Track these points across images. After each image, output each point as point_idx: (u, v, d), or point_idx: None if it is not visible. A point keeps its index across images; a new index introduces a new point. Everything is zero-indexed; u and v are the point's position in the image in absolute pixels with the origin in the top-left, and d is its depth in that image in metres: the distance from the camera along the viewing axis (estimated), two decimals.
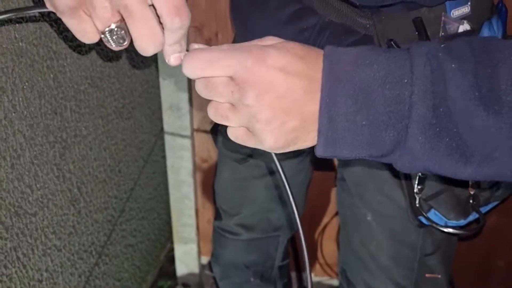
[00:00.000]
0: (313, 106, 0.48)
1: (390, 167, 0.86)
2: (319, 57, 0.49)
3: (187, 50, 0.52)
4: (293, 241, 1.30)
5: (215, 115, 0.50)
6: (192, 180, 1.55)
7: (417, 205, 0.82)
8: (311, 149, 1.06)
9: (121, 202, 1.34)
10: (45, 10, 0.50)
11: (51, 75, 0.97)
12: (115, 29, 0.48)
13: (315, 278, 1.67)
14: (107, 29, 0.48)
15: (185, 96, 1.43)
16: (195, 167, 1.55)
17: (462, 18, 0.75)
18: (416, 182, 0.81)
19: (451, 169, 0.48)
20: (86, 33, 0.49)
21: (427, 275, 0.92)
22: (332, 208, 1.54)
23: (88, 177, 1.16)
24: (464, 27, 0.75)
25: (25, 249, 0.96)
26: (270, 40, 0.51)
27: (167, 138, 1.50)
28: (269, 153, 1.00)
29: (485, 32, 0.73)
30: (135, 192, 1.43)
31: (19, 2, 0.86)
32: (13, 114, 0.88)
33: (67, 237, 1.09)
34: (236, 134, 0.52)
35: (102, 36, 0.49)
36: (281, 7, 0.83)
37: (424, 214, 0.82)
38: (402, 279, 0.92)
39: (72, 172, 1.09)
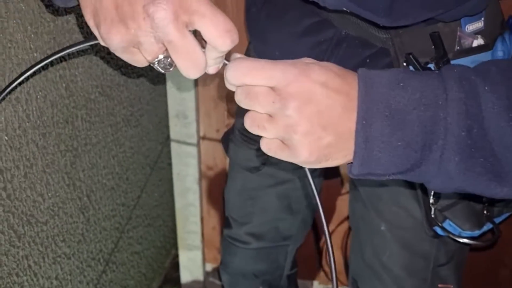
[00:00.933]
0: (349, 124, 0.48)
1: (402, 181, 0.86)
2: (355, 77, 0.50)
3: (226, 60, 0.53)
4: (299, 249, 1.31)
5: (252, 125, 0.50)
6: (198, 188, 1.55)
7: (433, 215, 0.82)
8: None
9: (128, 209, 1.35)
10: (96, 42, 0.55)
11: (64, 85, 0.98)
12: (162, 59, 0.51)
13: (320, 286, 1.67)
14: (155, 60, 0.50)
15: (191, 104, 1.44)
16: (201, 175, 1.56)
17: (476, 33, 0.76)
18: (432, 193, 0.81)
19: (486, 189, 0.48)
20: (137, 62, 0.52)
21: (439, 285, 0.93)
22: (337, 216, 1.55)
23: (97, 185, 1.16)
24: (478, 41, 0.76)
25: (36, 257, 0.96)
26: (309, 60, 0.52)
27: (174, 146, 1.50)
28: (285, 164, 1.00)
29: (499, 47, 0.74)
30: (142, 200, 1.43)
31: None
32: (27, 123, 0.89)
33: (76, 245, 1.10)
34: (269, 146, 0.51)
35: (151, 64, 0.52)
36: (298, 20, 0.84)
37: (439, 224, 0.82)
38: None
39: (82, 180, 1.09)
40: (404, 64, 0.76)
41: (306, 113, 0.47)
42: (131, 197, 1.36)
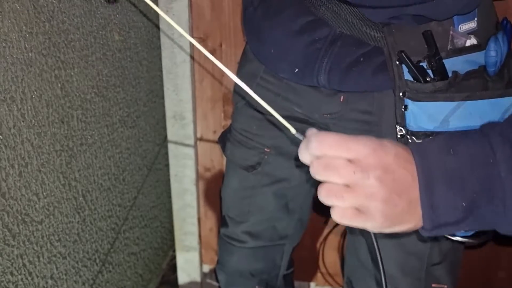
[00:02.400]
0: (417, 191, 0.52)
1: None
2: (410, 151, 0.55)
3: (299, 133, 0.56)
4: (296, 250, 1.31)
5: (328, 196, 0.52)
6: (195, 189, 1.56)
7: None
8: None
9: (124, 210, 1.35)
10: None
11: (59, 85, 0.99)
12: None
13: None
14: None
15: (189, 105, 1.44)
16: (198, 176, 1.56)
17: (469, 33, 0.76)
18: None
19: None
20: None
21: (433, 285, 0.93)
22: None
23: (93, 185, 1.17)
24: (471, 41, 0.77)
25: (31, 257, 0.96)
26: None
27: (171, 147, 1.51)
28: (282, 163, 1.00)
29: (492, 47, 0.75)
30: (139, 201, 1.44)
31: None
32: (22, 122, 0.89)
33: (72, 244, 1.10)
34: (343, 214, 0.53)
35: None
36: (294, 18, 0.85)
37: None
38: None
39: (78, 180, 1.10)
40: (397, 62, 0.77)
41: (385, 182, 0.51)
42: (127, 198, 1.36)
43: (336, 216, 0.53)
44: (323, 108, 0.92)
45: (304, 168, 1.07)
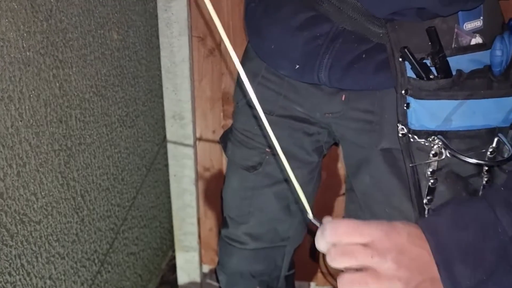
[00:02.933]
0: (436, 269, 0.53)
1: (398, 178, 0.86)
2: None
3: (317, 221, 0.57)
4: (295, 250, 1.30)
5: (352, 284, 0.53)
6: (195, 189, 1.55)
7: (426, 215, 0.81)
8: (320, 156, 1.05)
9: (123, 210, 1.35)
10: None
11: (57, 84, 0.98)
12: None
13: None
14: None
15: (188, 105, 1.44)
16: (198, 176, 1.56)
17: (475, 32, 0.76)
18: (426, 193, 0.81)
19: None
20: None
21: None
22: (334, 218, 1.55)
23: (92, 185, 1.16)
24: (476, 40, 0.76)
25: (29, 257, 0.96)
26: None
27: (170, 147, 1.50)
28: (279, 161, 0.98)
29: (497, 46, 0.74)
30: (138, 201, 1.43)
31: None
32: (20, 122, 0.89)
33: (70, 245, 1.10)
34: None
35: None
36: (294, 14, 0.84)
37: None
38: None
39: (76, 180, 1.09)
40: (400, 59, 0.76)
41: (403, 262, 0.52)
42: (126, 198, 1.36)
43: None
44: (325, 107, 0.91)
45: (305, 168, 1.06)
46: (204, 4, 0.50)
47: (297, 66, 0.87)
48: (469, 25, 0.76)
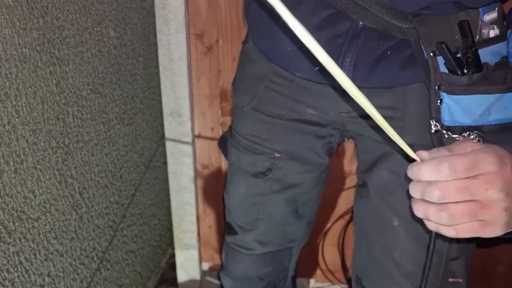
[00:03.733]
0: None
1: None
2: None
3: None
4: None
5: (462, 215, 0.55)
6: (193, 186, 1.55)
7: None
8: (330, 157, 1.03)
9: (122, 208, 1.35)
10: None
11: (54, 81, 0.98)
12: None
13: (317, 284, 1.67)
14: None
15: (186, 102, 1.44)
16: (196, 173, 1.56)
17: (491, 23, 0.75)
18: None
19: None
20: None
21: (450, 279, 0.91)
22: (334, 214, 1.55)
23: (90, 182, 1.16)
24: (495, 32, 0.75)
25: (28, 254, 0.96)
26: (467, 144, 0.59)
27: (168, 144, 1.50)
28: (294, 167, 0.96)
29: None
30: (136, 198, 1.43)
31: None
32: (17, 119, 0.89)
33: (69, 242, 1.10)
34: (470, 228, 0.56)
35: None
36: (313, 13, 0.81)
37: None
38: (428, 285, 0.90)
39: (74, 178, 1.09)
40: (431, 54, 0.75)
41: (510, 193, 0.55)
42: (125, 196, 1.36)
43: (462, 231, 0.56)
44: (340, 107, 0.89)
45: (316, 171, 1.04)
46: (200, 1, 0.49)
47: (317, 68, 0.84)
48: (487, 17, 0.74)
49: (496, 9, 0.75)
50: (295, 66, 0.88)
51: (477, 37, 0.75)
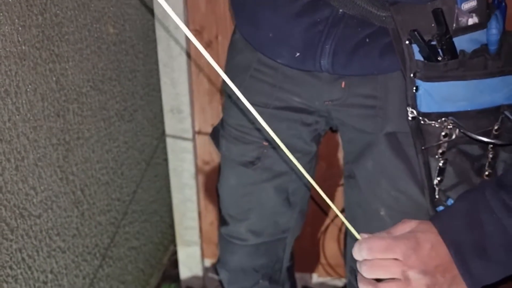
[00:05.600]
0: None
1: (404, 162, 0.87)
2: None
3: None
4: (296, 242, 1.30)
5: None
6: (195, 183, 1.55)
7: (437, 196, 0.82)
8: (318, 144, 1.04)
9: (124, 204, 1.35)
10: None
11: (54, 78, 0.99)
12: None
13: (319, 279, 1.67)
14: None
15: (186, 99, 1.44)
16: (197, 170, 1.56)
17: (470, 12, 0.75)
18: (436, 174, 0.81)
19: None
20: None
21: None
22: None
23: (91, 179, 1.17)
24: (473, 20, 0.76)
25: (30, 251, 0.96)
26: (408, 225, 0.69)
27: (169, 141, 1.50)
28: (283, 159, 0.98)
29: (493, 25, 0.74)
30: (138, 195, 1.44)
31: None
32: (17, 116, 0.89)
33: (71, 239, 1.10)
34: None
35: None
36: (292, 0, 0.82)
37: (444, 203, 0.82)
38: None
39: (75, 174, 1.09)
40: (407, 42, 0.76)
41: (428, 271, 0.64)
42: (126, 192, 1.36)
43: None
44: (324, 95, 0.90)
45: (304, 158, 1.05)
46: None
47: (298, 54, 0.85)
48: (466, 5, 0.75)
49: None
50: (276, 52, 0.89)
51: (454, 25, 0.75)
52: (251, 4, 0.89)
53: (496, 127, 0.79)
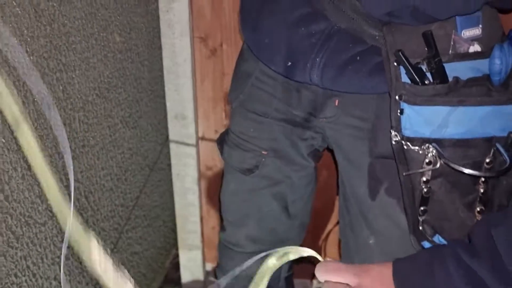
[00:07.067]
0: None
1: (391, 192, 0.86)
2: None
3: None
4: None
5: None
6: (197, 188, 1.56)
7: (420, 227, 0.79)
8: (316, 161, 1.05)
9: (127, 210, 1.36)
10: None
11: (61, 87, 0.99)
12: None
13: (319, 285, 1.68)
14: None
15: (190, 105, 1.45)
16: (200, 175, 1.57)
17: (473, 40, 0.75)
18: (419, 203, 0.79)
19: None
20: None
21: None
22: (335, 216, 1.56)
23: (96, 186, 1.18)
24: (475, 48, 0.75)
25: (35, 258, 0.97)
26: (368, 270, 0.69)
27: (173, 147, 1.51)
28: (281, 168, 0.99)
29: (496, 54, 0.73)
30: (141, 200, 1.45)
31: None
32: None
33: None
34: None
35: None
36: (291, 9, 0.83)
37: (429, 238, 0.79)
38: None
39: (80, 182, 1.10)
40: (395, 63, 0.76)
41: None
42: (130, 198, 1.37)
43: None
44: (319, 112, 0.91)
45: (302, 172, 1.06)
46: (205, 4, 0.51)
47: (289, 63, 0.85)
48: (467, 33, 0.75)
49: (480, 26, 0.75)
50: (270, 59, 0.90)
51: (451, 51, 0.75)
52: (255, 9, 0.90)
53: (488, 160, 0.76)
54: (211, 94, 1.46)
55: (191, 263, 1.69)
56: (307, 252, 0.69)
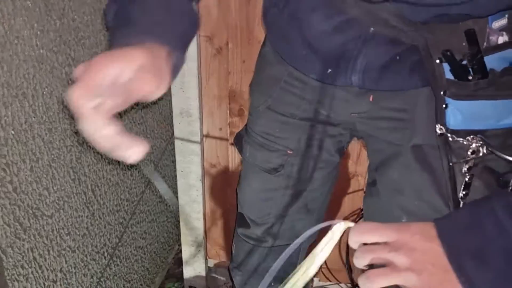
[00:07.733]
0: (448, 262, 0.60)
1: (429, 173, 0.88)
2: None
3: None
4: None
5: (377, 276, 0.61)
6: (201, 185, 1.58)
7: None
8: (341, 156, 1.06)
9: (132, 205, 1.37)
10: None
11: (70, 81, 1.01)
12: None
13: (319, 283, 1.69)
14: None
15: (195, 102, 1.46)
16: (204, 172, 1.58)
17: (501, 30, 0.76)
18: (462, 188, 0.82)
19: None
20: None
21: None
22: (338, 215, 1.57)
23: (102, 180, 1.19)
24: (504, 38, 0.76)
25: (41, 250, 0.99)
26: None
27: (178, 143, 1.53)
28: (305, 168, 1.00)
29: None
30: (146, 195, 1.46)
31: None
32: (33, 118, 0.91)
33: (81, 238, 1.12)
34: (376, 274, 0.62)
35: None
36: (326, 19, 0.84)
37: None
38: None
39: (87, 175, 1.12)
40: (438, 61, 0.77)
41: (415, 256, 0.60)
42: (135, 193, 1.38)
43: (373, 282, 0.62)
44: (351, 108, 0.93)
45: (326, 169, 1.07)
46: (211, 4, 0.52)
47: (330, 70, 0.88)
48: (497, 24, 0.76)
49: (506, 16, 0.77)
50: (309, 68, 0.92)
51: (485, 44, 0.76)
52: (285, 21, 0.91)
53: None
54: (216, 92, 1.47)
55: (194, 259, 1.70)
56: (344, 224, 0.66)
